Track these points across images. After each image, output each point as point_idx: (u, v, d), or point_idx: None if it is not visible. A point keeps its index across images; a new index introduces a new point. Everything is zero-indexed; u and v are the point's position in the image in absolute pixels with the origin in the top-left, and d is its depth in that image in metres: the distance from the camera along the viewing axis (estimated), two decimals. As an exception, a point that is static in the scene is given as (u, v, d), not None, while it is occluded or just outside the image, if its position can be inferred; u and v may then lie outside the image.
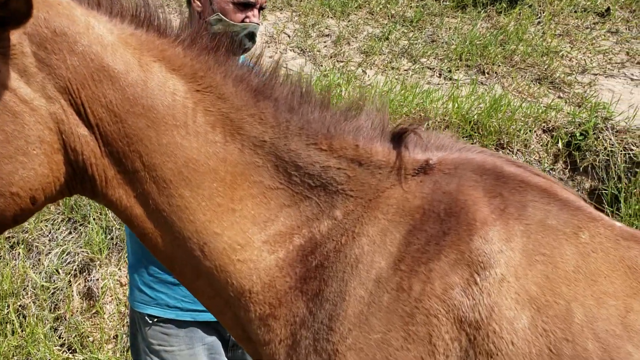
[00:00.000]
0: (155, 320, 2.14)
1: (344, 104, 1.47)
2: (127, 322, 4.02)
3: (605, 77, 5.49)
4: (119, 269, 4.18)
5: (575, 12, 6.63)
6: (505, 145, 4.48)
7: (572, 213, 1.34)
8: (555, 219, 1.32)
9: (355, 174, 1.40)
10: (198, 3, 2.17)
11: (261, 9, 2.22)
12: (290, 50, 6.38)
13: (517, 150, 4.47)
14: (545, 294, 1.25)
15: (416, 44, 6.27)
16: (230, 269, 1.39)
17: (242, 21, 2.16)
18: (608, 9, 6.50)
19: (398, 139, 1.43)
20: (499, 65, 5.73)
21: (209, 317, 2.14)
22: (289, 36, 6.59)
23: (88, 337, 3.95)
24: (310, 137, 1.41)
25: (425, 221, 1.34)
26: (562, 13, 6.60)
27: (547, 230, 1.31)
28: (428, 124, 4.54)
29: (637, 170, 4.18)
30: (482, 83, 5.51)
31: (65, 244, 4.25)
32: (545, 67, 5.59)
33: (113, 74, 1.30)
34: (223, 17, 2.13)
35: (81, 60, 1.28)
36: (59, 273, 4.17)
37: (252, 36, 2.19)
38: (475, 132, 4.48)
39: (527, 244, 1.29)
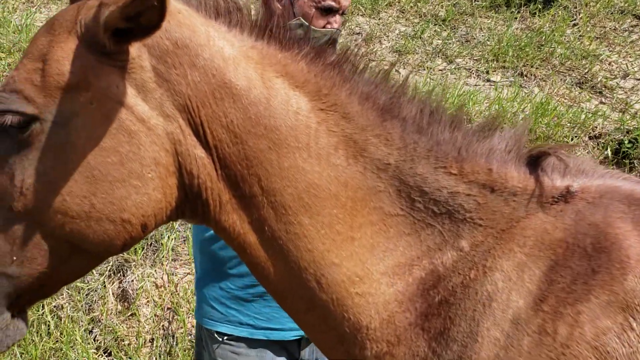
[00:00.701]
0: (226, 338, 2.04)
1: (476, 123, 1.35)
2: (163, 325, 3.93)
3: (648, 82, 5.36)
4: (155, 270, 4.09)
5: (612, 14, 6.48)
6: (551, 152, 4.36)
7: None
8: None
9: (486, 200, 1.28)
10: (278, 5, 2.06)
11: (343, 14, 2.10)
12: (321, 47, 6.26)
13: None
14: None
15: (450, 43, 6.13)
16: (347, 303, 1.29)
17: (324, 27, 2.05)
18: (646, 12, 6.35)
19: (535, 162, 1.32)
20: (537, 68, 5.59)
21: (282, 335, 2.04)
22: (318, 33, 6.46)
23: (124, 340, 3.86)
24: (440, 160, 1.29)
25: (569, 257, 1.23)
26: (598, 15, 6.46)
27: None
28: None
29: (690, 181, 4.06)
30: (520, 86, 5.38)
31: (99, 244, 4.15)
32: (585, 70, 5.45)
33: (235, 91, 1.19)
34: (304, 21, 2.02)
35: (202, 76, 1.17)
36: (93, 273, 4.08)
37: (333, 43, 2.07)
38: (520, 138, 4.35)
39: None
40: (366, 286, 1.28)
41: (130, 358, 3.68)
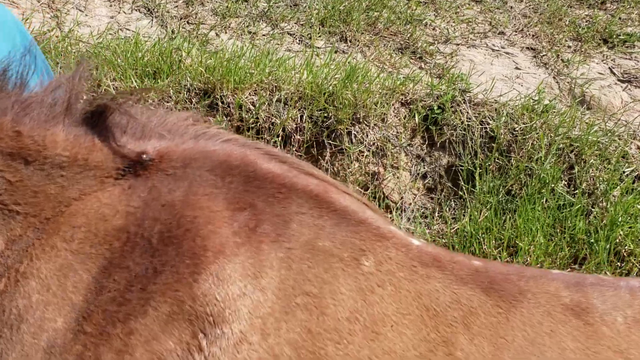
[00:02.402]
0: None
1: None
2: None
3: (467, 47, 5.34)
4: None
5: (442, -21, 6.43)
6: (361, 120, 4.16)
7: (354, 229, 0.93)
8: (329, 239, 0.91)
9: (20, 177, 0.88)
10: None
11: None
12: (136, 10, 5.65)
13: (374, 124, 4.16)
14: None
15: (277, 7, 5.77)
16: None
17: None
18: (473, -22, 6.36)
19: (95, 121, 0.93)
20: (362, 33, 5.39)
21: None
22: (135, -6, 5.83)
23: None
24: None
25: (129, 252, 0.87)
26: (428, -20, 6.38)
27: (317, 257, 0.89)
28: (154, 98, 4.09)
29: (493, 145, 4.01)
30: (343, 51, 5.15)
31: None
32: (408, 35, 5.33)
33: None
34: None
35: None
36: None
37: None
38: (330, 105, 4.11)
39: (286, 280, 0.87)
40: None
41: None
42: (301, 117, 4.16)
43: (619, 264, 3.49)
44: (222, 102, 4.10)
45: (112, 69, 4.15)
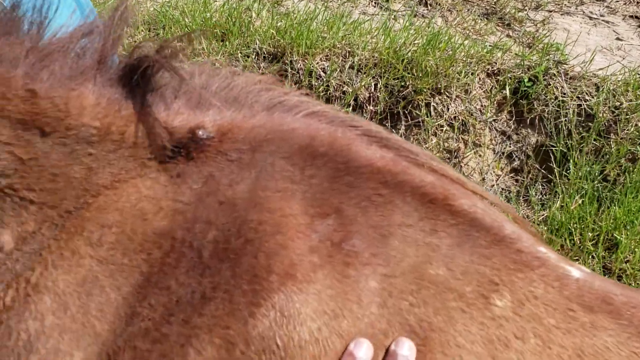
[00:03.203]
0: None
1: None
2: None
3: (562, 14, 4.83)
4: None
5: (534, -61, 5.87)
6: (442, 91, 3.80)
7: (483, 252, 0.66)
8: (445, 264, 0.65)
9: (34, 154, 0.66)
10: None
11: None
12: (206, -32, 5.45)
13: (456, 96, 3.79)
14: None
15: (352, -33, 5.41)
16: None
17: None
18: (569, -63, 5.76)
19: (136, 81, 0.69)
20: (444, -4, 4.97)
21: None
22: (206, -48, 5.63)
23: None
24: None
25: (172, 267, 0.64)
26: (519, -60, 5.83)
27: (426, 290, 0.63)
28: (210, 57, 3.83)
29: (590, 124, 3.58)
30: (423, 16, 4.76)
31: None
32: (495, 0, 4.88)
33: None
34: None
35: None
36: None
37: None
38: (408, 73, 3.78)
39: (377, 322, 0.62)
40: None
41: None
42: (375, 85, 3.85)
43: None
44: (292, 68, 3.84)
45: (179, 29, 3.96)
